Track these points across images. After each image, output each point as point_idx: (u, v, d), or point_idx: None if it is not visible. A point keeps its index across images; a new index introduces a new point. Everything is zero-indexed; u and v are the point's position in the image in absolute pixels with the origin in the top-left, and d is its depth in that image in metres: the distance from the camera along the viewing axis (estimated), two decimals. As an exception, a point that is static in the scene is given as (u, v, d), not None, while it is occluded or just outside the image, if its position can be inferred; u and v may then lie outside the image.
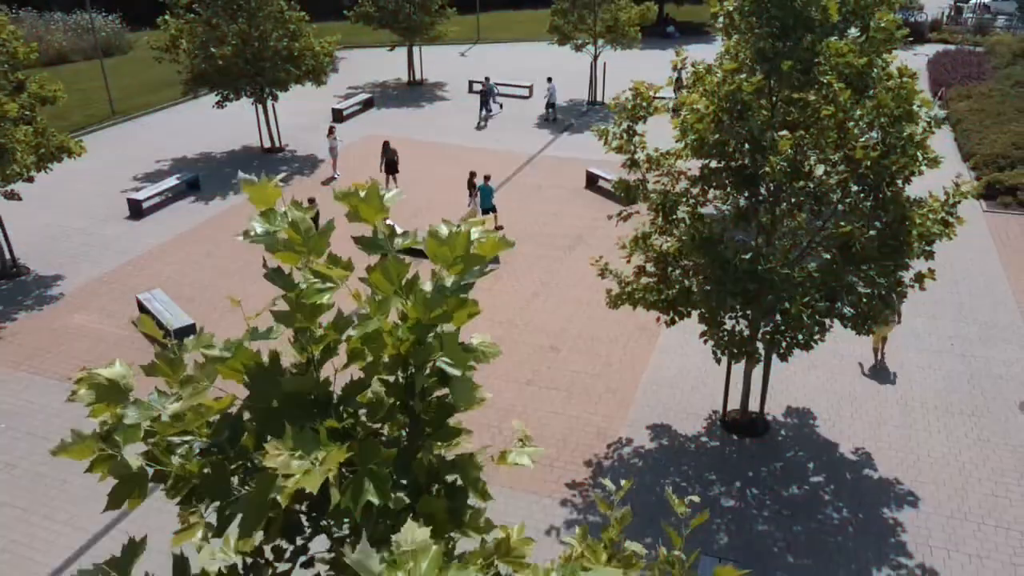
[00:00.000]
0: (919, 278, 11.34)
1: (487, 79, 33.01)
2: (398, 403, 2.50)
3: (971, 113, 28.18)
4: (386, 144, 24.05)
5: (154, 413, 2.34)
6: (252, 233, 2.43)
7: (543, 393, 14.80)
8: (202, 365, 2.28)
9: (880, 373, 15.11)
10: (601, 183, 24.44)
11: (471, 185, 21.61)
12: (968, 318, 16.92)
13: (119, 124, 31.41)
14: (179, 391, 2.25)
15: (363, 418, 2.46)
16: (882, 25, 11.42)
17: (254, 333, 2.48)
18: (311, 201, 19.49)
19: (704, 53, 22.34)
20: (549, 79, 31.70)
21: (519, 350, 16.20)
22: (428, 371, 2.47)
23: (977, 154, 24.99)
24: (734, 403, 13.95)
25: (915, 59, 35.52)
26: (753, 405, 13.73)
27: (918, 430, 13.60)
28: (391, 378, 2.49)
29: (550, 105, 31.52)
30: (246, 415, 2.39)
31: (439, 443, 2.62)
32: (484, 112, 31.99)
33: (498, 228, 20.82)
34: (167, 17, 25.38)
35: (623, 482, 3.81)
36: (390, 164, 23.91)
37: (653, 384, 15.03)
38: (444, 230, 2.47)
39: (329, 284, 2.34)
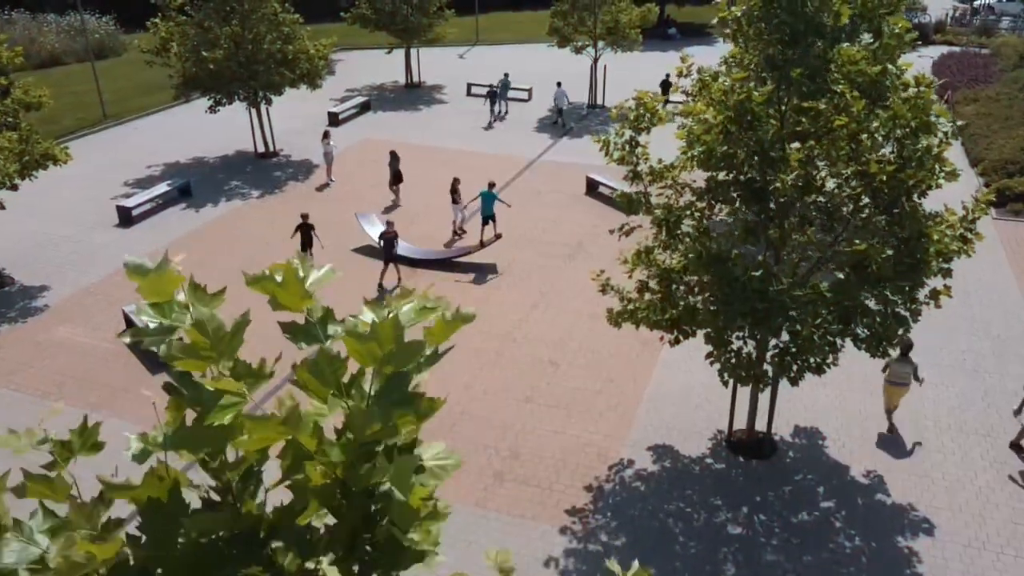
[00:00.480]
0: (934, 295, 10.80)
1: (506, 75, 32.51)
2: (341, 533, 1.97)
3: (978, 117, 27.65)
4: (393, 154, 23.36)
5: (34, 554, 1.82)
6: (141, 328, 1.91)
7: (542, 411, 14.27)
8: (81, 505, 1.76)
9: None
10: (602, 189, 23.92)
11: (454, 192, 21.11)
12: (980, 332, 16.39)
13: (111, 128, 30.88)
14: (52, 541, 1.73)
15: (296, 556, 1.93)
16: (896, 31, 10.93)
17: (174, 436, 1.96)
18: (304, 218, 18.76)
19: (706, 54, 21.68)
20: (559, 84, 30.91)
21: (517, 364, 15.66)
22: (375, 495, 1.95)
23: (985, 160, 24.46)
24: (740, 422, 13.43)
25: (920, 61, 35.01)
26: (760, 424, 13.21)
27: (931, 451, 13.07)
28: (332, 502, 1.97)
29: (559, 110, 30.71)
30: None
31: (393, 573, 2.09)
32: (494, 112, 31.65)
33: (497, 236, 20.23)
34: (157, 20, 24.87)
35: (634, 565, 3.18)
36: (396, 175, 23.23)
37: (656, 401, 14.49)
38: (366, 319, 1.96)
39: (236, 400, 1.83)
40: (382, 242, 18.84)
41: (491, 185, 20.53)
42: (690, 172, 11.23)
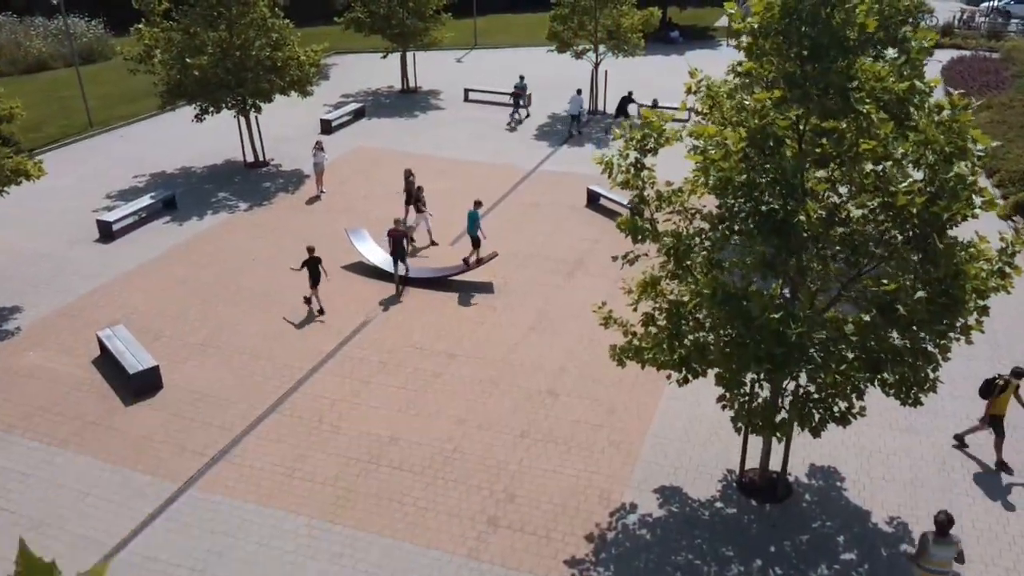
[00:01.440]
0: (965, 331, 9.90)
1: (521, 77, 31.72)
2: None
3: (992, 125, 26.70)
4: (408, 173, 21.93)
5: None
6: None
7: (539, 448, 13.35)
8: None
9: (913, 425, 13.67)
10: (603, 202, 23.02)
11: (417, 200, 20.42)
12: (1005, 358, 15.46)
13: (96, 136, 29.91)
14: None
15: None
16: (925, 45, 10.05)
17: None
18: (310, 251, 17.23)
19: (708, 58, 20.60)
20: (579, 91, 29.77)
21: (513, 395, 14.74)
22: None
23: (1001, 170, 23.54)
24: (752, 459, 12.51)
25: (929, 66, 34.10)
26: (774, 462, 12.28)
27: (958, 494, 12.15)
28: None
29: (575, 118, 29.62)
30: None
31: None
32: (516, 114, 31.13)
33: (479, 261, 18.99)
34: (141, 26, 23.92)
35: None
36: (412, 194, 21.82)
37: (661, 436, 13.58)
38: None
39: None
40: (390, 240, 18.17)
41: (477, 204, 19.40)
42: (700, 197, 10.35)
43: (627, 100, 29.82)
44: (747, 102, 9.52)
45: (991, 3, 50.36)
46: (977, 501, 12.00)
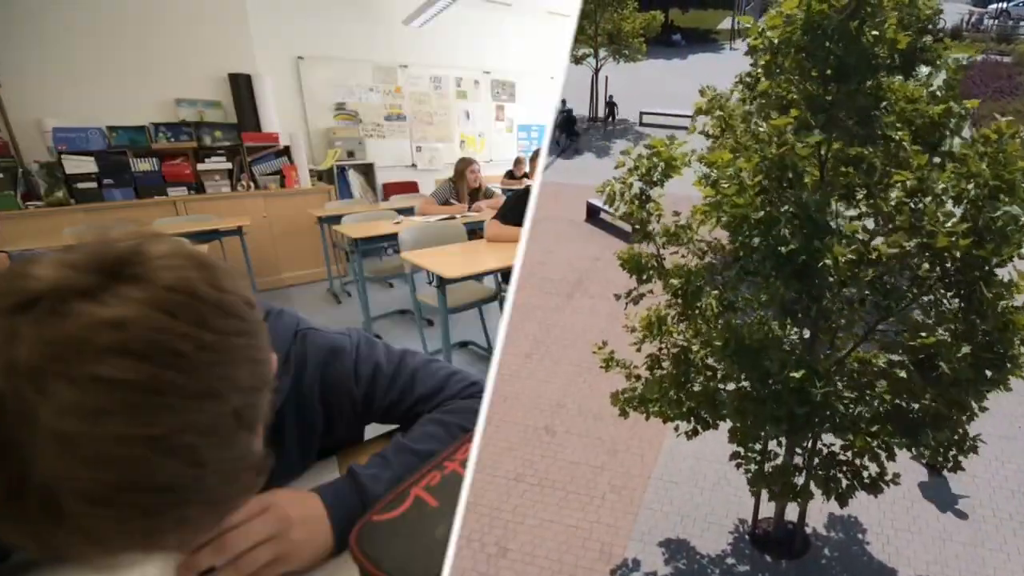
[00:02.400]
0: (1004, 376, 8.94)
1: None
2: None
3: (1008, 133, 25.78)
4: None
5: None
6: None
7: (534, 493, 12.37)
8: None
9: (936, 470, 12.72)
10: (603, 215, 22.09)
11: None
12: (1034, 391, 14.53)
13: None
14: None
15: None
16: (963, 61, 9.08)
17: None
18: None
19: (711, 62, 19.67)
20: (563, 101, 29.02)
21: (508, 433, 13.76)
22: None
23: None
24: (765, 508, 11.54)
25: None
26: (790, 511, 11.32)
27: (991, 550, 11.16)
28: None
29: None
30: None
31: None
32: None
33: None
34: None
35: None
36: None
37: (666, 479, 12.59)
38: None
39: None
40: None
41: None
42: (711, 230, 9.37)
43: (571, 118, 29.05)
44: (762, 129, 8.55)
45: (999, 5, 49.55)
46: (1012, 558, 11.01)
